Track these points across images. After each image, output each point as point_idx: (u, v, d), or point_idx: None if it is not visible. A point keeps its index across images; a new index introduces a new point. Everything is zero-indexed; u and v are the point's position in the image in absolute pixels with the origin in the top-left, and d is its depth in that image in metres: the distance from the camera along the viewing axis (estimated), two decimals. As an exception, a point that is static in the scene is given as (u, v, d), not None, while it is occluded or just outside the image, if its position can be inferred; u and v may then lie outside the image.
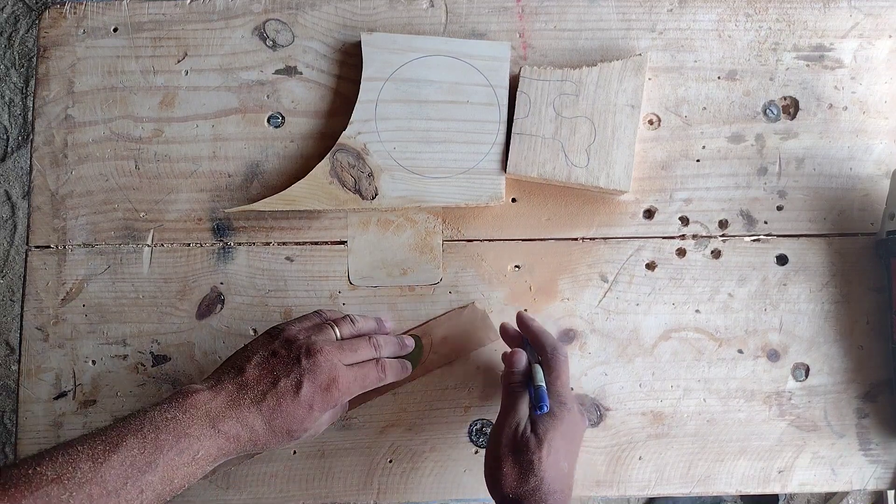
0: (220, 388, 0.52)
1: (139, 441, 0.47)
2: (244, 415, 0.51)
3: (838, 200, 0.67)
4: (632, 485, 0.65)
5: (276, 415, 0.51)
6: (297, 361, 0.53)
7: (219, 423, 0.50)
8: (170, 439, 0.47)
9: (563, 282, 0.67)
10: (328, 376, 0.53)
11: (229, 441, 0.50)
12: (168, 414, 0.49)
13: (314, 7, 0.69)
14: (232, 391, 0.52)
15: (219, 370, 0.54)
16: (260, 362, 0.53)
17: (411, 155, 0.66)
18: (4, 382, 1.46)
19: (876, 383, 0.66)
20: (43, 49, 0.70)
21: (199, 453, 0.49)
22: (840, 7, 0.69)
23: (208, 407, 0.50)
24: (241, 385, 0.52)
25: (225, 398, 0.51)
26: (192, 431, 0.49)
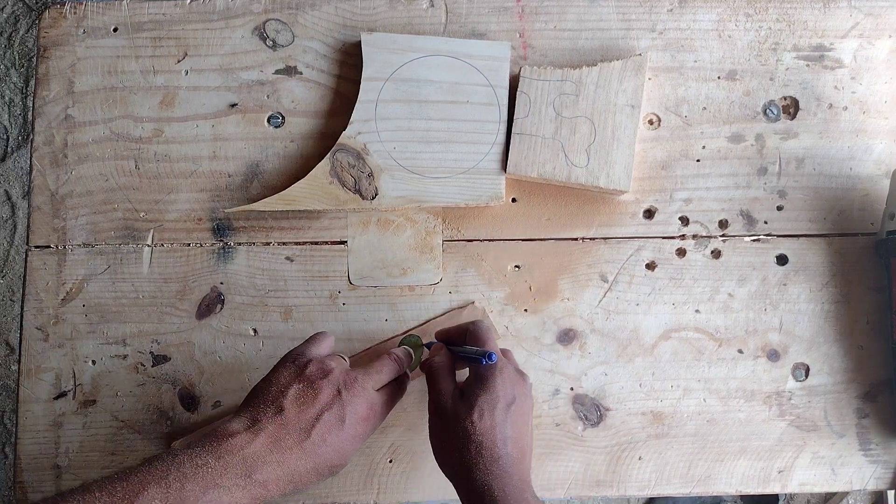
0: (258, 430, 0.48)
1: (162, 491, 0.43)
2: (286, 458, 0.48)
3: (838, 200, 0.67)
4: (632, 485, 0.65)
5: (322, 452, 0.49)
6: (338, 393, 0.51)
7: (256, 471, 0.46)
8: (196, 490, 0.44)
9: (563, 282, 0.67)
10: (366, 406, 0.52)
11: (266, 489, 0.47)
12: (199, 460, 0.45)
13: (314, 7, 0.69)
14: (272, 432, 0.48)
15: (252, 407, 0.50)
16: (297, 396, 0.50)
17: (411, 155, 0.66)
18: (4, 382, 1.46)
19: (876, 383, 0.66)
20: (43, 49, 0.70)
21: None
22: (840, 7, 0.69)
23: (245, 453, 0.47)
24: (281, 425, 0.49)
25: (265, 441, 0.48)
26: (224, 482, 0.45)
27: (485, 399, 0.51)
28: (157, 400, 0.66)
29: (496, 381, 0.52)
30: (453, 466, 0.52)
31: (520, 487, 0.49)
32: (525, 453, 0.53)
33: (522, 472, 0.51)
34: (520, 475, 0.50)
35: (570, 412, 0.65)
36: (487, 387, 0.52)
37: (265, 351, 0.67)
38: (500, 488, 0.49)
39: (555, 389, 0.66)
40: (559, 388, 0.66)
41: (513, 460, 0.51)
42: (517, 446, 0.52)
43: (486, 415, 0.51)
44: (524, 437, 0.53)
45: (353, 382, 0.52)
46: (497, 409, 0.51)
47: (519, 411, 0.53)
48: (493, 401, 0.52)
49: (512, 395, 0.53)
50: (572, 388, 0.66)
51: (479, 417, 0.51)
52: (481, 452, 0.50)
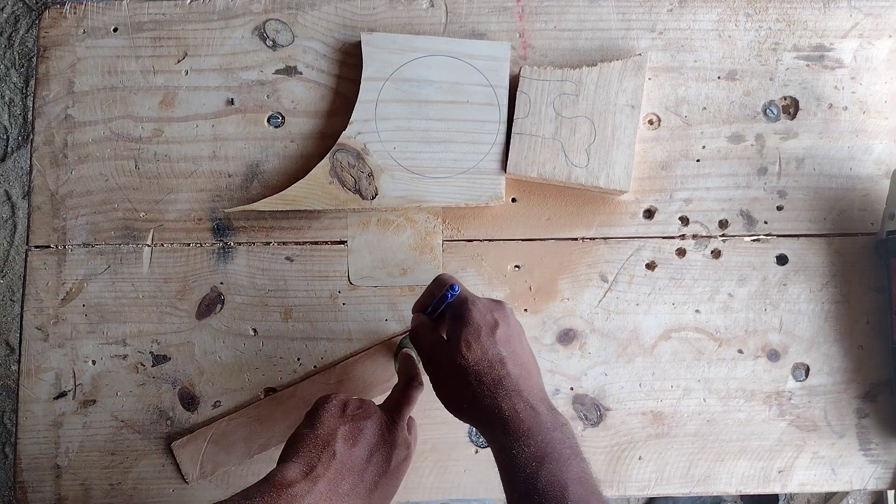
0: (316, 477, 0.47)
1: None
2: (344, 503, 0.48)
3: (838, 200, 0.67)
4: (632, 485, 0.65)
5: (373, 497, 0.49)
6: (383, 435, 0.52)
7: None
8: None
9: (563, 282, 0.67)
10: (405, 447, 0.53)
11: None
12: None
13: (314, 7, 0.69)
14: (329, 479, 0.48)
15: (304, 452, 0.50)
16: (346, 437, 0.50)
17: (411, 155, 0.66)
18: (4, 382, 1.46)
19: (876, 383, 0.66)
20: (43, 49, 0.70)
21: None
22: (840, 7, 0.69)
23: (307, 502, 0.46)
24: (337, 470, 0.48)
25: (323, 488, 0.47)
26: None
27: (466, 331, 0.50)
28: (157, 400, 0.66)
29: (471, 312, 0.51)
30: (463, 406, 0.51)
31: (531, 404, 0.48)
32: (528, 370, 0.51)
33: (531, 387, 0.50)
34: (529, 391, 0.49)
35: (570, 412, 0.65)
36: (465, 320, 0.51)
37: (265, 351, 0.67)
38: (510, 408, 0.48)
39: (555, 389, 0.66)
40: (559, 388, 0.66)
41: (515, 379, 0.49)
42: (516, 365, 0.50)
43: (473, 344, 0.50)
44: (521, 356, 0.52)
45: (394, 424, 0.53)
46: (482, 336, 0.50)
47: (505, 332, 0.51)
48: (475, 329, 0.50)
49: (492, 319, 0.51)
50: (572, 388, 0.66)
51: (468, 349, 0.50)
52: (481, 380, 0.49)
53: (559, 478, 0.45)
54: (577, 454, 0.47)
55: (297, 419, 0.61)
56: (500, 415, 0.48)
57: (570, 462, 0.46)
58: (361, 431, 0.51)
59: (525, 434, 0.47)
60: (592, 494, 0.46)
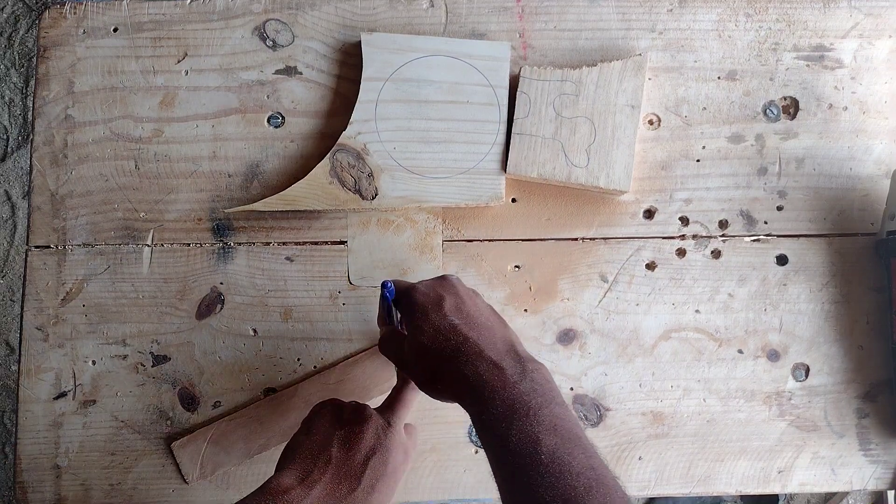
0: (312, 483, 0.47)
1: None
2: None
3: (838, 200, 0.67)
4: (632, 485, 0.65)
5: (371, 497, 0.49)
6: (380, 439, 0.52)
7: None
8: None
9: (563, 282, 0.67)
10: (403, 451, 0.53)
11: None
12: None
13: (314, 7, 0.69)
14: (326, 484, 0.48)
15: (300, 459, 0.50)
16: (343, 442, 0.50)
17: (411, 155, 0.66)
18: (4, 382, 1.46)
19: (876, 383, 0.66)
20: (43, 49, 0.70)
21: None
22: (840, 7, 0.69)
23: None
24: (334, 475, 0.48)
25: (320, 493, 0.47)
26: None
27: (414, 317, 0.50)
28: (157, 400, 0.66)
29: (413, 297, 0.51)
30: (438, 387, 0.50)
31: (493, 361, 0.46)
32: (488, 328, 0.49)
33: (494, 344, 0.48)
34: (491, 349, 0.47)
35: (570, 412, 0.65)
36: (410, 307, 0.51)
37: (265, 351, 0.67)
38: (472, 372, 0.46)
39: (555, 389, 0.66)
40: (559, 388, 0.66)
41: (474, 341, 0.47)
42: (472, 328, 0.49)
43: (423, 325, 0.49)
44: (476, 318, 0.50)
45: (390, 427, 0.53)
46: (429, 314, 0.49)
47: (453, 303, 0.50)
48: (421, 311, 0.50)
49: (436, 295, 0.50)
50: (572, 388, 0.66)
51: (420, 332, 0.49)
52: (441, 355, 0.48)
53: (529, 432, 0.43)
54: (550, 400, 0.45)
55: (297, 419, 0.61)
56: (465, 382, 0.46)
57: (541, 411, 0.44)
58: (357, 436, 0.51)
59: (490, 394, 0.45)
60: (568, 441, 0.42)
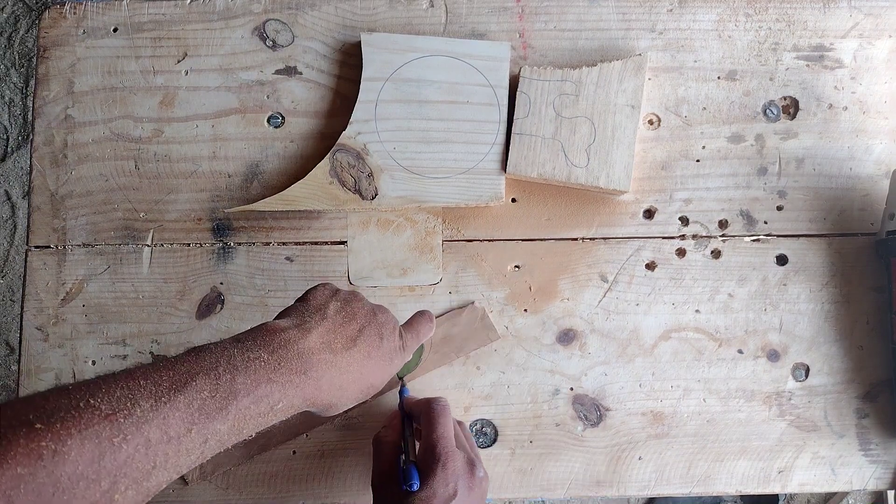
0: (309, 328, 0.46)
1: (212, 382, 0.39)
2: (337, 360, 0.46)
3: (838, 200, 0.67)
4: (632, 485, 0.65)
5: (366, 363, 0.48)
6: (374, 314, 0.51)
7: (311, 368, 0.44)
8: (248, 384, 0.40)
9: (563, 282, 0.67)
10: (398, 335, 0.53)
11: (318, 391, 0.44)
12: (251, 353, 0.42)
13: (314, 7, 0.69)
14: (322, 333, 0.46)
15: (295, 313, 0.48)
16: (338, 309, 0.49)
17: (411, 155, 0.66)
18: (4, 382, 1.46)
19: (876, 383, 0.66)
20: (43, 49, 0.70)
21: (280, 404, 0.42)
22: (840, 7, 0.69)
23: (300, 347, 0.44)
24: (329, 329, 0.47)
25: (317, 339, 0.45)
26: (278, 377, 0.42)
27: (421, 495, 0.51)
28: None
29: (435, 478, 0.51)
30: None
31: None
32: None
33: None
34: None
35: (570, 412, 0.65)
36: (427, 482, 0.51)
37: (265, 351, 0.67)
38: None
39: (555, 389, 0.66)
40: (559, 388, 0.66)
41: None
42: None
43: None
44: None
45: (385, 311, 0.53)
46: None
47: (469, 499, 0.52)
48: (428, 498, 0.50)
49: (451, 491, 0.51)
50: (572, 388, 0.66)
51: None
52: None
53: None
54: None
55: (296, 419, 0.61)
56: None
57: None
58: (352, 309, 0.50)
59: None
60: None
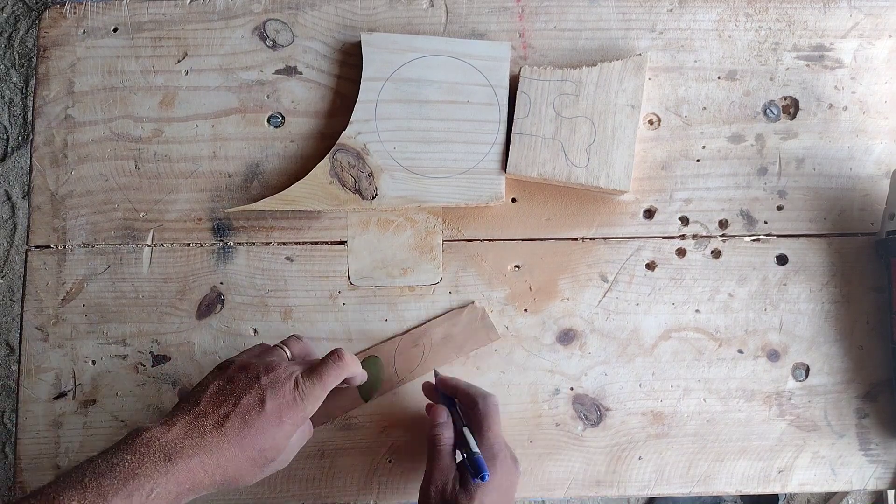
0: (174, 421, 0.49)
1: (79, 493, 0.43)
2: (206, 442, 0.48)
3: (838, 200, 0.67)
4: (632, 485, 0.65)
5: (244, 433, 0.49)
6: (257, 379, 0.51)
7: (175, 456, 0.46)
8: (115, 483, 0.44)
9: (563, 282, 0.67)
10: (290, 386, 0.52)
11: (191, 474, 0.47)
12: (114, 459, 0.46)
13: (314, 7, 0.69)
14: (189, 422, 0.49)
15: (173, 410, 0.51)
16: (216, 391, 0.51)
17: (411, 155, 0.66)
18: (4, 382, 1.46)
19: (876, 383, 0.66)
20: (43, 49, 0.70)
21: (154, 493, 0.45)
22: (840, 7, 0.69)
23: (162, 442, 0.47)
24: (198, 415, 0.49)
25: (182, 429, 0.48)
26: (143, 471, 0.45)
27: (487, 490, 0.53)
28: (157, 400, 0.66)
29: (497, 472, 0.54)
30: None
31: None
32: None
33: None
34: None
35: (570, 412, 0.65)
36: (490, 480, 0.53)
37: (265, 351, 0.67)
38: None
39: (555, 389, 0.66)
40: (559, 388, 0.66)
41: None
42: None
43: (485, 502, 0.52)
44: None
45: (275, 368, 0.52)
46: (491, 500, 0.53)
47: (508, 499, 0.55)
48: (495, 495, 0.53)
49: (507, 485, 0.55)
50: (572, 387, 0.66)
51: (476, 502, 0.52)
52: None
53: None
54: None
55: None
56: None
57: None
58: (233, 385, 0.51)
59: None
60: None
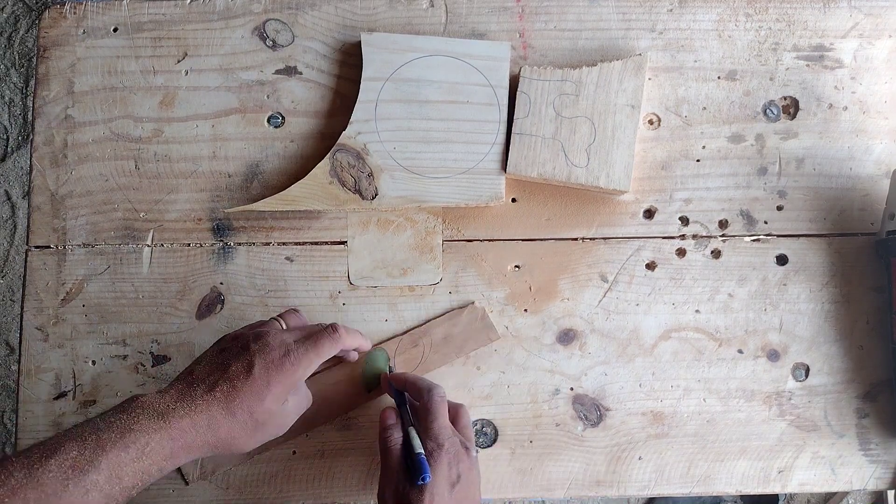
0: (167, 390, 0.51)
1: (78, 444, 0.45)
2: (197, 403, 0.50)
3: (838, 200, 0.67)
4: (632, 485, 0.65)
5: (233, 397, 0.51)
6: (246, 347, 0.53)
7: (168, 414, 0.49)
8: (113, 436, 0.46)
9: (563, 282, 0.67)
10: (279, 352, 0.53)
11: (183, 433, 0.49)
12: (112, 418, 0.48)
13: (314, 7, 0.69)
14: (181, 388, 0.51)
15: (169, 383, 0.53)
16: (208, 360, 0.53)
17: (411, 155, 0.66)
18: (4, 382, 1.46)
19: (876, 383, 0.66)
20: (43, 49, 0.70)
21: (149, 446, 0.47)
22: (840, 7, 0.69)
23: (156, 404, 0.49)
24: (189, 382, 0.51)
25: (174, 395, 0.50)
26: (138, 426, 0.47)
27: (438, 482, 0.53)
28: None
29: (441, 466, 0.54)
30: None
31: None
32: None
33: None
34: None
35: (570, 412, 0.66)
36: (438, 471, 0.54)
37: (265, 351, 0.67)
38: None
39: (555, 389, 0.66)
40: (559, 388, 0.66)
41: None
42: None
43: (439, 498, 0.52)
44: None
45: (266, 335, 0.54)
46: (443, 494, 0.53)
47: (463, 488, 0.54)
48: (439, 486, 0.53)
49: (456, 475, 0.54)
50: (572, 388, 0.66)
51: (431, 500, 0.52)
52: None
53: None
54: None
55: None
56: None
57: None
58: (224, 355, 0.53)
59: None
60: None
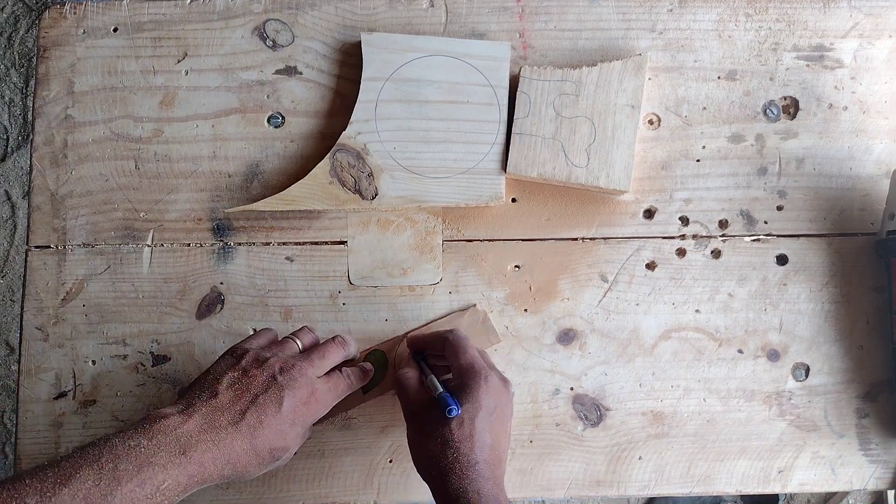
0: (191, 412, 0.49)
1: (95, 472, 0.44)
2: (220, 438, 0.48)
3: (838, 200, 0.67)
4: (632, 485, 0.65)
5: (259, 433, 0.50)
6: (274, 378, 0.52)
7: (190, 449, 0.47)
8: (130, 469, 0.44)
9: (563, 282, 0.67)
10: (306, 390, 0.53)
11: (202, 468, 0.47)
12: (131, 441, 0.46)
13: (314, 7, 0.69)
14: (206, 413, 0.49)
15: (188, 394, 0.51)
16: (232, 383, 0.51)
17: (411, 155, 0.66)
18: (4, 382, 1.46)
19: (876, 383, 0.66)
20: (43, 49, 0.70)
21: (165, 483, 0.45)
22: (840, 7, 0.69)
23: (179, 432, 0.47)
24: (215, 407, 0.50)
25: (198, 421, 0.48)
26: (158, 460, 0.46)
27: (467, 408, 0.53)
28: (157, 400, 0.66)
29: (480, 391, 0.53)
30: (430, 470, 0.53)
31: (494, 491, 0.50)
32: (501, 458, 0.54)
33: (497, 476, 0.52)
34: (494, 479, 0.52)
35: (570, 412, 0.66)
36: (471, 396, 0.53)
37: (265, 351, 0.67)
38: (474, 491, 0.50)
39: (555, 389, 0.66)
40: (559, 388, 0.66)
41: (489, 465, 0.52)
42: (494, 452, 0.53)
43: (467, 423, 0.52)
44: (501, 443, 0.54)
45: (291, 368, 0.53)
46: (478, 419, 0.52)
47: (499, 419, 0.54)
48: (475, 409, 0.53)
49: (494, 404, 0.54)
50: (572, 387, 0.66)
51: (459, 425, 0.52)
52: (458, 458, 0.51)
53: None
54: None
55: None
56: (464, 496, 0.50)
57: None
58: (249, 378, 0.52)
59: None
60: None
